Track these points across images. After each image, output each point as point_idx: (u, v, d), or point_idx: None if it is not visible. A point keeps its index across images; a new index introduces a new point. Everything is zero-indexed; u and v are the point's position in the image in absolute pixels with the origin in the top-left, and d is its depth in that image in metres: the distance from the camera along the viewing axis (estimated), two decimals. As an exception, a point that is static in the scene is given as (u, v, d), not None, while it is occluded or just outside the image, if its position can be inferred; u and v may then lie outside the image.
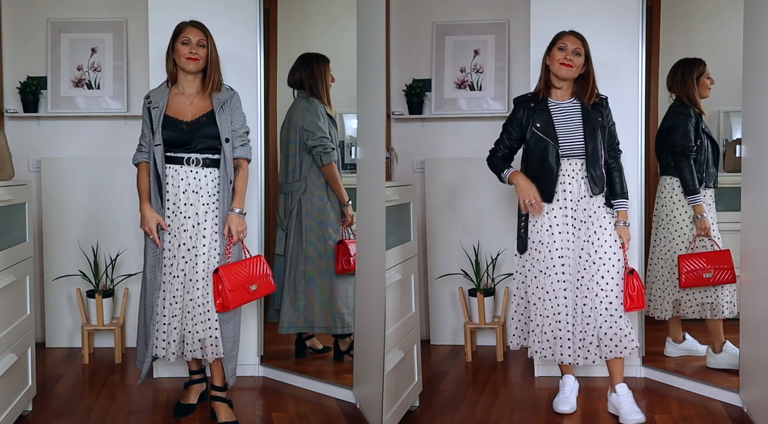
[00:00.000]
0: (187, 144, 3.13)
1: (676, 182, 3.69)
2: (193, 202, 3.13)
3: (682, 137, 3.64)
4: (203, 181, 3.14)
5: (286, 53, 4.06)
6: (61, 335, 4.30)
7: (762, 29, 2.99)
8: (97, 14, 4.37)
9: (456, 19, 4.43)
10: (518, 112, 3.29)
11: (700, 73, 3.69)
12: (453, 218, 4.37)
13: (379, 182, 2.97)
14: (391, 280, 3.02)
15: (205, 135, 3.13)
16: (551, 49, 3.24)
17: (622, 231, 3.23)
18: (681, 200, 3.69)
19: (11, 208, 3.08)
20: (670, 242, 3.73)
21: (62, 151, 4.37)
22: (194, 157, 3.13)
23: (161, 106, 3.15)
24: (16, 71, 4.36)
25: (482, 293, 4.12)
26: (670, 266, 3.72)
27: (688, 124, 3.64)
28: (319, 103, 3.75)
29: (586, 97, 3.24)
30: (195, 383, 3.37)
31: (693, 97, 3.67)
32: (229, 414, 3.16)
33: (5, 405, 2.95)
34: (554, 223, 3.22)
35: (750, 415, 3.16)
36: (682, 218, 3.69)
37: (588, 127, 3.20)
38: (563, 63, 3.20)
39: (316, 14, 4.24)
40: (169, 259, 3.13)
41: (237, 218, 3.13)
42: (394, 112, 4.45)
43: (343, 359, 3.82)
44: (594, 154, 3.19)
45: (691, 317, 3.73)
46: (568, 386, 3.36)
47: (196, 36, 3.14)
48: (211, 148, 3.15)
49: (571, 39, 3.22)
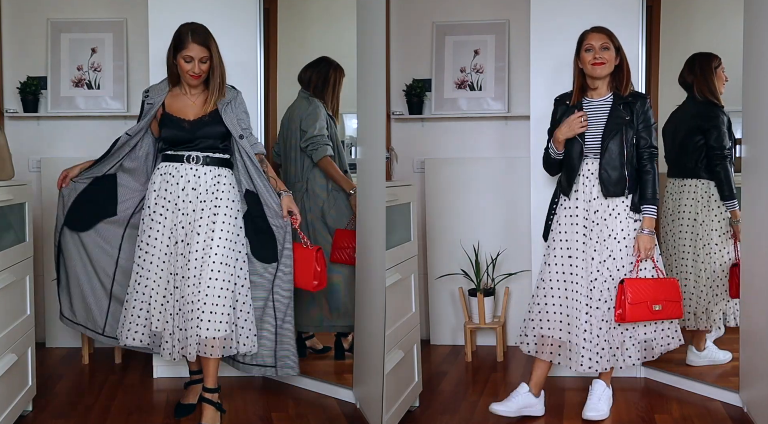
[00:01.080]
0: (188, 142, 3.14)
1: (712, 186, 3.57)
2: (192, 200, 3.13)
3: (721, 139, 3.51)
4: (202, 178, 3.14)
5: (286, 53, 4.06)
6: (61, 335, 4.30)
7: (762, 29, 2.99)
8: (97, 14, 4.37)
9: (456, 19, 4.43)
10: (556, 112, 3.28)
11: (717, 64, 3.59)
12: (453, 218, 4.37)
13: (379, 182, 2.96)
14: (391, 280, 3.01)
15: (207, 134, 3.15)
16: (579, 51, 3.19)
17: (641, 239, 3.11)
18: (718, 204, 3.56)
19: (11, 209, 3.08)
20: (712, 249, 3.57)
21: (62, 151, 4.37)
22: (194, 155, 3.14)
23: (155, 104, 3.19)
24: (16, 71, 4.36)
25: (482, 293, 4.12)
26: (714, 276, 3.58)
27: (724, 125, 3.53)
28: (320, 102, 3.75)
29: (622, 87, 3.18)
30: (195, 384, 3.35)
31: (715, 91, 3.56)
32: (214, 418, 3.09)
33: (5, 405, 2.95)
34: (564, 221, 3.21)
35: (750, 415, 3.16)
36: (720, 225, 3.55)
37: (609, 125, 3.13)
38: (595, 63, 3.14)
39: (316, 14, 4.24)
40: (153, 252, 3.14)
41: (291, 198, 3.23)
42: (394, 112, 4.45)
43: (344, 356, 3.81)
44: (609, 154, 3.12)
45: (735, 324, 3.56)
46: (596, 394, 3.22)
47: (199, 54, 3.10)
48: (212, 147, 3.16)
49: (596, 36, 3.17)
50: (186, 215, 3.13)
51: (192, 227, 3.12)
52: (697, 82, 3.62)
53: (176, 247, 3.13)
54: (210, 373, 3.12)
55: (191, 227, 3.12)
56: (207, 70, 3.14)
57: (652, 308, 3.07)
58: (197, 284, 3.07)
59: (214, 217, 3.13)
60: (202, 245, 3.09)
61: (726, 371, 3.62)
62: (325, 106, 3.76)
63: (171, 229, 3.15)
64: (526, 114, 3.97)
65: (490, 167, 4.34)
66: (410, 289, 3.30)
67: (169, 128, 3.15)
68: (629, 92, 3.18)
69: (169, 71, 3.20)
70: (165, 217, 3.16)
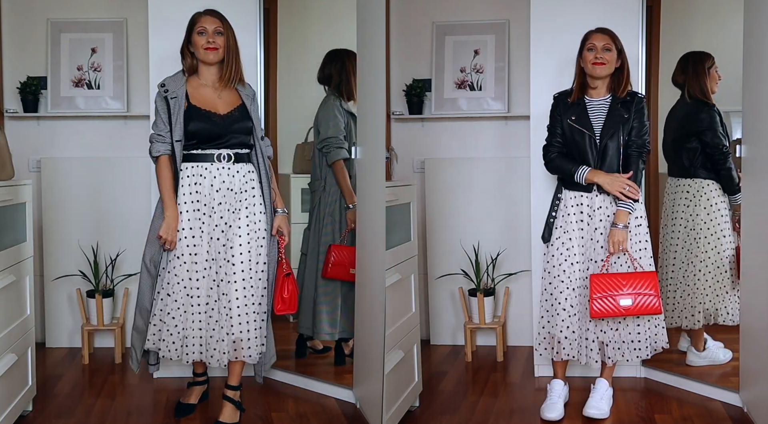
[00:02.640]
0: (219, 138, 2.98)
1: (714, 185, 3.59)
2: (228, 200, 3.00)
3: (718, 139, 3.53)
4: (236, 177, 3.01)
5: (286, 53, 4.06)
6: (61, 335, 4.30)
7: (762, 29, 2.99)
8: (97, 14, 4.37)
9: (456, 19, 4.43)
10: (556, 108, 3.29)
11: (710, 64, 3.61)
12: (453, 218, 4.37)
13: (379, 182, 2.96)
14: (391, 280, 3.01)
15: (239, 129, 3.01)
16: (582, 51, 3.24)
17: (613, 233, 3.14)
18: (722, 202, 3.58)
19: (11, 208, 3.07)
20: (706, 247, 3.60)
21: (62, 151, 4.37)
22: (225, 153, 3.00)
23: (180, 97, 2.97)
24: (16, 71, 4.35)
25: (482, 293, 4.12)
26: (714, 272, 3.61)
27: (717, 123, 3.54)
28: (338, 99, 3.70)
29: (620, 89, 3.22)
30: (197, 385, 3.35)
31: (706, 90, 3.58)
32: (233, 416, 3.08)
33: (5, 405, 2.95)
34: (571, 215, 3.23)
35: (750, 415, 3.16)
36: (725, 221, 3.57)
37: (607, 124, 3.18)
38: (595, 62, 3.18)
39: (316, 14, 4.24)
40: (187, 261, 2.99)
41: (285, 219, 3.13)
42: (394, 112, 4.45)
43: (345, 362, 3.80)
44: (607, 152, 3.17)
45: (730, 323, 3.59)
46: (556, 392, 3.28)
47: (212, 24, 2.98)
48: (242, 144, 3.04)
49: (599, 37, 3.21)
50: (222, 218, 3.00)
51: (233, 230, 2.99)
52: (688, 82, 3.64)
53: (217, 252, 3.00)
54: (236, 371, 3.08)
55: (233, 230, 2.99)
56: (224, 45, 2.99)
57: (618, 301, 3.07)
58: (245, 288, 2.99)
59: (252, 216, 3.03)
60: (246, 247, 2.99)
61: (726, 371, 3.62)
62: (342, 101, 3.70)
63: (210, 233, 3.00)
64: (526, 114, 3.98)
65: (490, 167, 4.34)
66: (410, 289, 3.30)
67: (198, 122, 2.96)
68: (627, 92, 3.22)
69: (186, 64, 3.06)
70: (203, 221, 3.00)
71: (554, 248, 3.25)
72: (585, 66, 3.23)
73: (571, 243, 3.22)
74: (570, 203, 3.23)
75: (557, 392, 3.28)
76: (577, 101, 3.25)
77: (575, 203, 3.23)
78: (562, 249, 3.23)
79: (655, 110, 3.84)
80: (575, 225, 3.22)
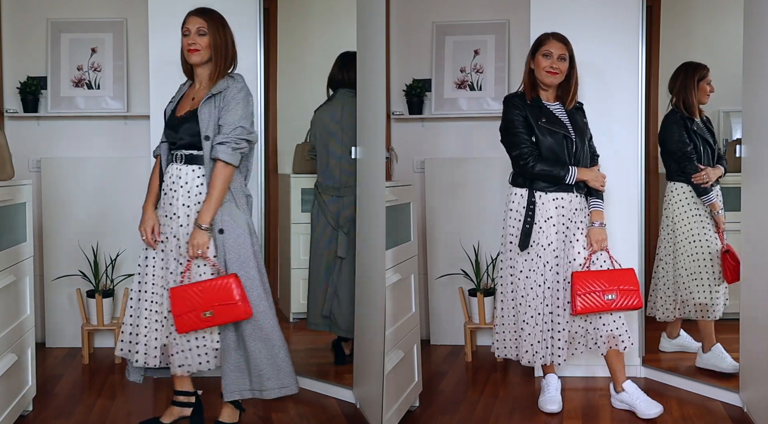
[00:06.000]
0: (174, 140, 2.95)
1: (686, 188, 3.67)
2: (183, 202, 2.92)
3: (678, 143, 3.64)
4: (183, 179, 2.92)
5: (286, 53, 4.06)
6: (61, 335, 4.30)
7: (762, 29, 2.99)
8: (97, 14, 4.37)
9: (456, 19, 4.43)
10: (515, 110, 3.22)
11: (701, 76, 3.67)
12: (453, 217, 4.37)
13: (379, 182, 2.96)
14: (391, 280, 3.02)
15: (186, 131, 2.91)
16: (535, 54, 3.22)
17: (592, 232, 3.19)
18: (690, 204, 3.67)
19: (11, 208, 3.07)
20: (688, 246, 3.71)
21: (62, 151, 4.37)
22: (179, 153, 2.94)
23: (174, 101, 3.03)
24: (16, 71, 4.36)
25: (482, 293, 4.12)
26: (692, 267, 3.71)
27: (679, 129, 3.64)
28: None
29: (568, 100, 3.24)
30: (176, 406, 3.09)
31: (689, 102, 3.65)
32: (232, 416, 3.03)
33: (5, 405, 2.95)
34: (552, 219, 3.22)
35: (750, 415, 3.16)
36: (695, 221, 3.68)
37: (575, 127, 3.22)
38: (549, 71, 3.18)
39: (316, 14, 4.24)
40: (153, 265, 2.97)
41: (202, 235, 2.83)
42: (394, 112, 4.45)
43: (345, 362, 3.79)
44: (582, 153, 3.22)
45: (694, 317, 3.72)
46: (553, 385, 3.36)
47: (195, 24, 2.91)
48: (190, 145, 2.92)
49: (556, 45, 3.19)
50: (177, 219, 2.92)
51: (182, 234, 2.90)
52: (675, 93, 3.72)
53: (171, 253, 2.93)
54: (228, 407, 3.05)
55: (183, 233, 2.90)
56: (207, 46, 2.91)
57: (604, 297, 3.11)
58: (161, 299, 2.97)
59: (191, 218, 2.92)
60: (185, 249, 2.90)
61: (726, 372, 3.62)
62: None
63: (167, 236, 2.94)
64: (526, 114, 3.98)
65: (490, 167, 4.34)
66: (410, 289, 3.30)
67: (166, 127, 3.00)
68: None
69: (183, 67, 3.04)
70: (162, 223, 2.96)
71: (534, 252, 3.22)
72: (536, 70, 3.22)
73: (550, 247, 3.21)
74: (550, 206, 3.21)
75: (554, 385, 3.34)
76: (536, 104, 3.22)
77: (556, 206, 3.22)
78: (542, 253, 3.21)
79: (655, 111, 3.84)
80: (553, 228, 3.21)
